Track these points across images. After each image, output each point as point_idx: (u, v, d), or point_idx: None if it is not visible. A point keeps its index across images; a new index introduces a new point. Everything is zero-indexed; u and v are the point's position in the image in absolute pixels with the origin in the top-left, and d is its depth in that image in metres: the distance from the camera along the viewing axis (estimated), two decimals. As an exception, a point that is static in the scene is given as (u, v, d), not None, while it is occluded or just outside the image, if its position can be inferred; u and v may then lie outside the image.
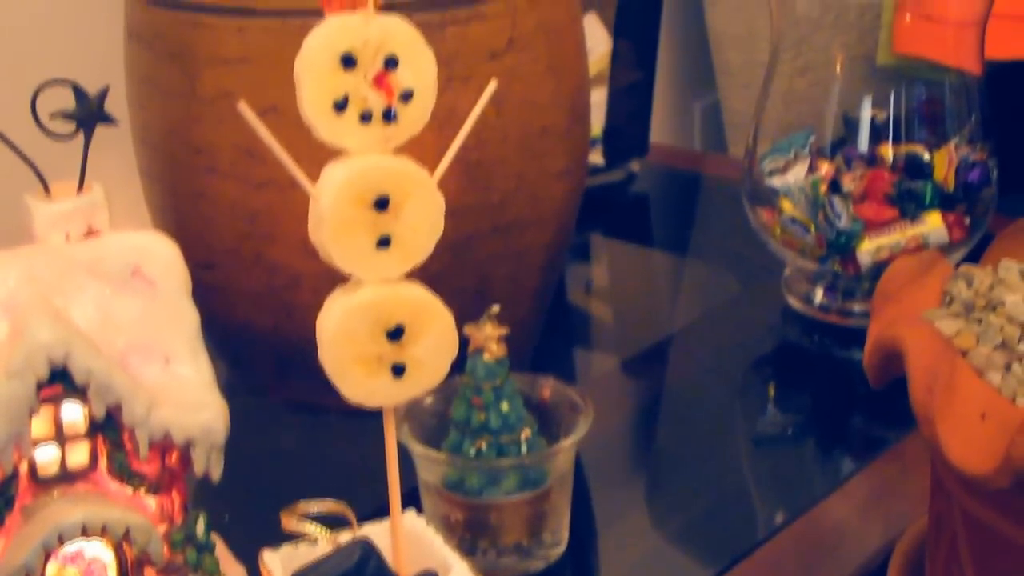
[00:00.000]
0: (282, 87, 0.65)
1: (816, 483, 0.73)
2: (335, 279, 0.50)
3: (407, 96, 0.47)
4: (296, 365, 0.74)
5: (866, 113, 0.82)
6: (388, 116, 0.47)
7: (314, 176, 0.48)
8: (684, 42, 1.40)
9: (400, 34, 0.46)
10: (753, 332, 0.88)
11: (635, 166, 1.11)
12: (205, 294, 0.68)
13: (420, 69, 0.47)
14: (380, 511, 0.57)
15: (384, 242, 0.47)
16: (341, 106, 0.46)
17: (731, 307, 0.92)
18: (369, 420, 0.56)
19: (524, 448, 0.61)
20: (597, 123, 1.05)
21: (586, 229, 1.01)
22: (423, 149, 0.50)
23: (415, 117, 0.47)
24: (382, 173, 0.47)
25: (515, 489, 0.60)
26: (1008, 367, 0.48)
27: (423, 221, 0.48)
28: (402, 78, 0.47)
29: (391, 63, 0.46)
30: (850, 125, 0.83)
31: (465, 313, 0.58)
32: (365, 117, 0.46)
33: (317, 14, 0.51)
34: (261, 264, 0.71)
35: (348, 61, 0.46)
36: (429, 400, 0.62)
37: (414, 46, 0.47)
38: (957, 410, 0.46)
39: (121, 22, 0.75)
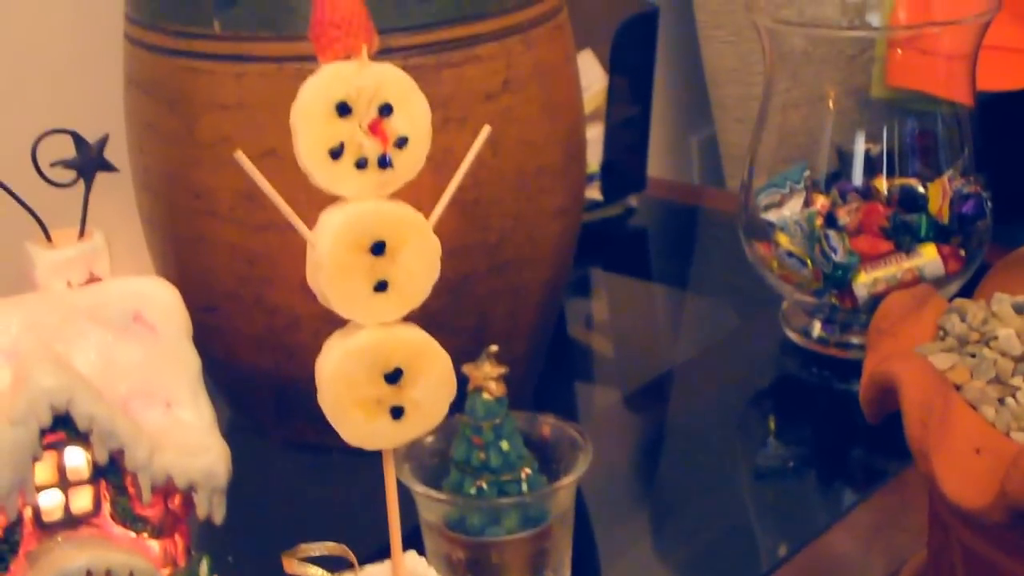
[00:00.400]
0: (280, 131, 0.65)
1: (818, 515, 0.73)
2: (334, 320, 0.51)
3: (402, 142, 0.48)
4: (297, 405, 0.74)
5: (860, 146, 0.83)
6: (383, 162, 0.47)
7: (312, 218, 0.49)
8: (680, 76, 1.41)
9: (394, 82, 0.47)
10: (753, 365, 0.88)
11: (633, 201, 1.11)
12: (207, 336, 0.69)
13: (414, 116, 0.48)
14: (382, 551, 0.57)
15: (381, 286, 0.48)
16: (337, 153, 0.47)
17: (731, 340, 0.92)
18: (371, 459, 0.56)
19: (525, 486, 0.61)
20: (595, 158, 1.06)
21: (586, 264, 1.02)
22: (420, 190, 0.51)
23: (410, 163, 0.48)
24: (378, 218, 0.47)
25: (517, 527, 0.61)
26: (1002, 401, 0.48)
27: (420, 265, 0.48)
28: (397, 125, 0.47)
29: (386, 110, 0.47)
30: (844, 158, 0.83)
31: (464, 351, 0.59)
32: (361, 164, 0.47)
33: (313, 59, 0.52)
34: (261, 306, 0.71)
35: (343, 109, 0.46)
36: (430, 439, 0.63)
37: (408, 93, 0.47)
38: (952, 445, 0.47)
39: (120, 69, 0.76)
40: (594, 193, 1.06)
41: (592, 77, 1.07)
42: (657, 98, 1.11)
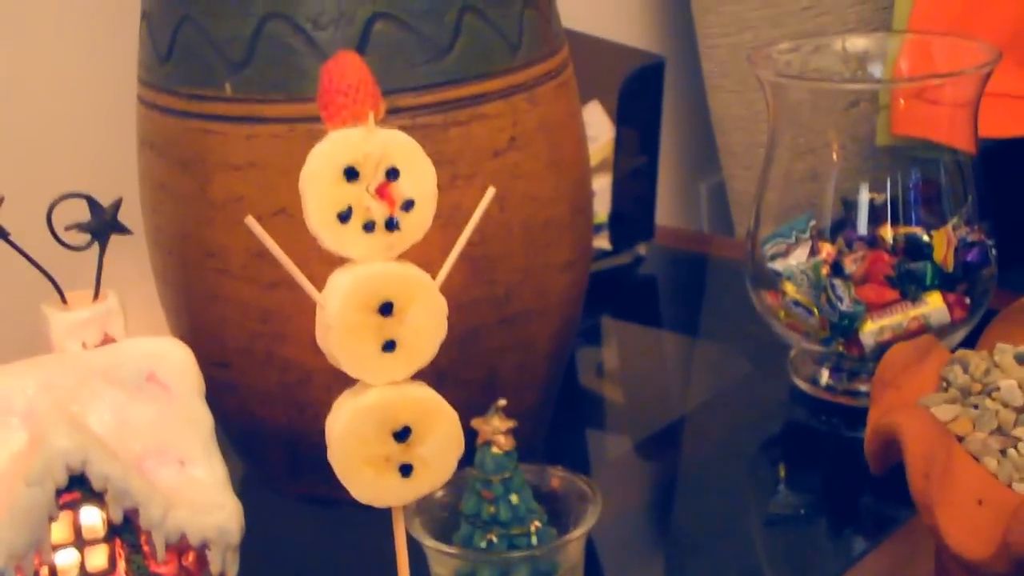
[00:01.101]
0: (291, 191, 0.67)
1: (829, 562, 0.73)
2: (346, 376, 0.52)
3: (408, 205, 0.49)
4: (309, 459, 0.75)
5: (864, 196, 0.83)
6: (390, 225, 0.48)
7: (324, 275, 0.50)
8: (689, 122, 1.42)
9: (400, 146, 0.48)
10: (763, 412, 0.88)
11: (642, 249, 1.12)
12: (219, 392, 0.69)
13: (420, 179, 0.49)
14: (393, 605, 0.58)
15: (389, 346, 0.49)
16: (345, 217, 0.48)
17: (741, 388, 0.93)
18: (382, 513, 0.57)
19: (535, 540, 0.61)
20: (603, 208, 1.07)
21: (596, 312, 1.02)
22: (429, 246, 0.52)
23: (417, 225, 0.49)
24: (386, 279, 0.48)
25: (526, 581, 0.61)
26: (1004, 452, 0.49)
27: (427, 324, 0.49)
28: (403, 188, 0.48)
29: (392, 174, 0.48)
30: (849, 207, 0.84)
31: (474, 405, 0.59)
32: (368, 227, 0.48)
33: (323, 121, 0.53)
34: (273, 362, 0.72)
35: (351, 174, 0.48)
36: (440, 493, 0.63)
37: (414, 157, 0.48)
38: (955, 496, 0.47)
39: (134, 131, 0.78)
40: (603, 242, 1.07)
41: (600, 128, 1.08)
42: (666, 144, 1.12)
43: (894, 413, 0.51)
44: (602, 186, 1.07)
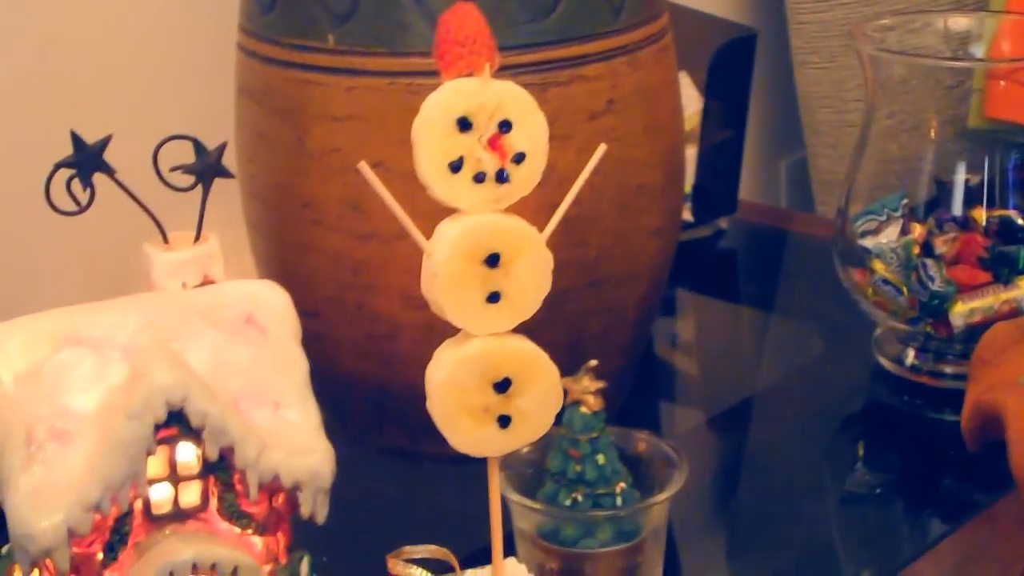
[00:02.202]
0: (388, 144, 0.68)
1: (904, 545, 0.73)
2: (434, 329, 0.52)
3: (519, 158, 0.49)
4: (393, 412, 0.75)
5: (959, 176, 0.82)
6: (501, 177, 0.48)
7: (420, 228, 0.50)
8: (772, 100, 1.41)
9: (514, 99, 0.48)
10: (841, 391, 0.88)
11: (723, 223, 1.12)
12: (307, 341, 0.70)
13: (533, 133, 0.49)
14: (474, 556, 0.59)
15: (494, 297, 0.49)
16: (456, 167, 0.48)
17: (820, 365, 0.92)
18: (462, 468, 0.57)
19: (619, 500, 0.62)
20: (687, 180, 1.07)
21: (673, 284, 1.02)
22: (523, 205, 0.52)
23: (526, 178, 0.49)
24: (494, 231, 0.49)
25: (610, 541, 0.61)
26: (1107, 434, 0.48)
27: (532, 278, 0.50)
28: (515, 141, 0.48)
29: (505, 126, 0.48)
30: (943, 188, 0.83)
31: (559, 366, 0.59)
32: (479, 178, 0.48)
33: (424, 75, 0.53)
34: (363, 313, 0.73)
35: (464, 124, 0.48)
36: (526, 450, 0.64)
37: (527, 110, 0.48)
38: (1056, 475, 0.47)
39: (231, 80, 0.78)
40: (685, 214, 1.07)
41: (687, 99, 1.07)
42: (749, 121, 1.12)
43: (996, 391, 0.50)
44: (687, 157, 1.06)
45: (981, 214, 0.82)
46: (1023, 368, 0.53)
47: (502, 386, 0.50)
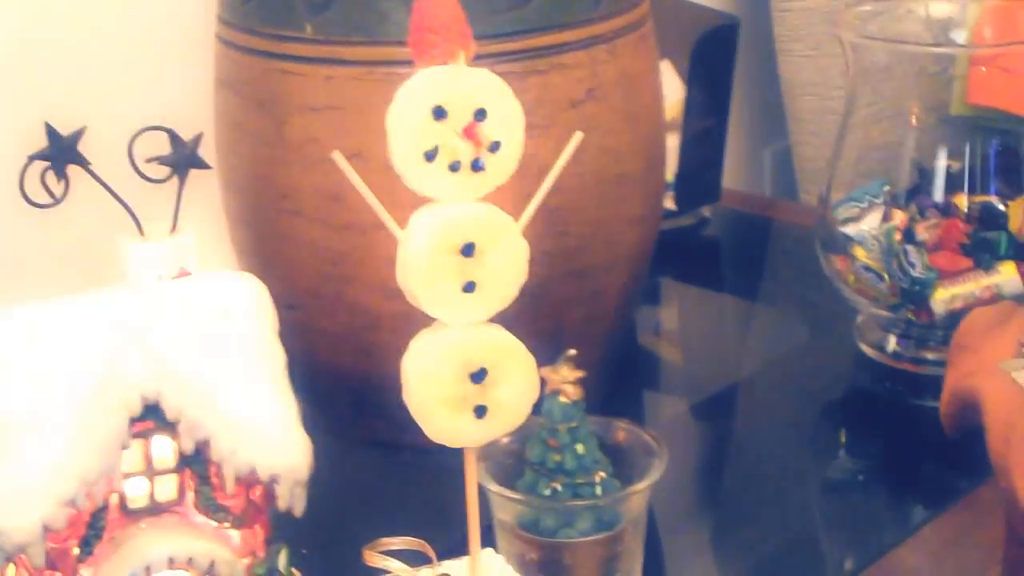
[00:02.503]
0: (367, 134, 0.67)
1: (887, 531, 0.73)
2: (414, 320, 0.52)
3: (495, 147, 0.48)
4: (373, 404, 0.75)
5: (940, 163, 0.82)
6: (476, 166, 0.48)
7: (396, 218, 0.50)
8: (755, 88, 1.41)
9: (490, 87, 0.48)
10: (823, 378, 0.88)
11: (706, 211, 1.11)
12: (287, 334, 0.70)
13: (508, 121, 0.48)
14: (453, 548, 0.58)
15: (469, 287, 0.49)
16: (431, 156, 0.48)
17: (802, 353, 0.92)
18: (442, 458, 0.57)
19: (599, 490, 0.61)
20: (669, 169, 1.06)
21: (656, 273, 1.02)
22: (502, 195, 0.51)
23: (502, 167, 0.49)
24: (469, 220, 0.48)
25: (589, 530, 0.61)
26: (1085, 420, 0.48)
27: (508, 267, 0.49)
28: (491, 129, 0.48)
29: (480, 115, 0.48)
30: (924, 174, 0.83)
31: (539, 356, 0.59)
32: (454, 167, 0.48)
33: (402, 64, 0.52)
34: (342, 305, 0.72)
35: (439, 113, 0.47)
36: (506, 440, 0.63)
37: (503, 99, 0.48)
38: (1034, 462, 0.47)
39: (210, 70, 0.78)
40: (667, 203, 1.07)
41: (670, 88, 1.07)
42: (732, 109, 1.11)
43: (974, 377, 0.50)
44: (670, 146, 1.06)
45: (962, 200, 0.82)
46: (1001, 354, 0.53)
47: (478, 376, 0.49)
